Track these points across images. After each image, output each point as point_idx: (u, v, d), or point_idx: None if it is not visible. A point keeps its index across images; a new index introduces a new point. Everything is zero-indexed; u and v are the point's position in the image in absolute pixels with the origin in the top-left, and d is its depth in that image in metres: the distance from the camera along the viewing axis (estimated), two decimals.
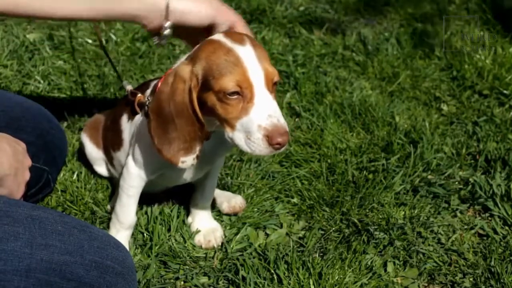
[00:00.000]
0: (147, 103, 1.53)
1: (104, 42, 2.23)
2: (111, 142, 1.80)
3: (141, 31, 2.82)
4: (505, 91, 2.54)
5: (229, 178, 2.01)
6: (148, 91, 1.59)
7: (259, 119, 1.34)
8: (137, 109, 1.58)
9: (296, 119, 2.35)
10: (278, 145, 1.33)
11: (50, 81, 2.44)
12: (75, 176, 1.97)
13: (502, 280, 1.70)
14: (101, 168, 1.94)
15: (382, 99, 2.47)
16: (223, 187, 1.99)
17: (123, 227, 1.69)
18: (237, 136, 1.37)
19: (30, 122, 1.73)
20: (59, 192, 1.89)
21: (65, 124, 2.18)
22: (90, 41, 2.72)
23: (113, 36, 2.75)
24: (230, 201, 1.88)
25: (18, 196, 1.38)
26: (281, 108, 2.37)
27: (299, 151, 2.16)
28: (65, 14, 1.47)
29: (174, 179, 1.70)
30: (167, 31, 1.49)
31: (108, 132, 1.83)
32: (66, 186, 1.92)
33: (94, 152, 1.91)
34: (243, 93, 1.33)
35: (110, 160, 1.85)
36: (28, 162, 1.42)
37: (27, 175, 1.41)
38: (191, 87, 1.37)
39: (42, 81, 2.43)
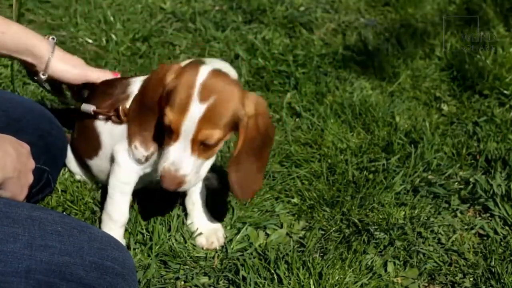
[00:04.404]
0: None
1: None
2: (85, 152, 1.81)
3: (142, 31, 2.82)
4: (505, 91, 2.54)
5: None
6: (133, 91, 1.65)
7: (166, 159, 1.46)
8: (124, 119, 1.64)
9: (297, 119, 2.35)
10: (166, 187, 1.48)
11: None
12: (75, 176, 1.97)
13: (502, 280, 1.70)
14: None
15: (383, 99, 2.48)
16: (224, 186, 1.99)
17: (117, 225, 1.68)
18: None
19: (31, 123, 1.73)
20: (60, 192, 1.89)
21: (65, 124, 2.18)
22: (90, 41, 2.72)
23: (113, 36, 2.75)
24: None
25: (21, 198, 1.38)
26: (282, 108, 2.38)
27: (300, 151, 2.16)
28: None
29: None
30: (43, 78, 1.74)
31: (80, 143, 1.84)
32: (66, 186, 1.91)
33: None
34: (171, 132, 1.44)
35: (88, 170, 1.86)
36: (31, 164, 1.42)
37: (30, 178, 1.41)
38: (163, 93, 1.47)
39: None
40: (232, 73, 1.52)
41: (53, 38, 1.74)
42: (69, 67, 1.74)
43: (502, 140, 2.25)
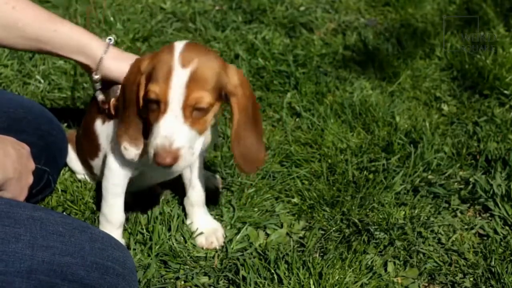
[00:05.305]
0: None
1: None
2: (88, 152, 1.82)
3: (142, 31, 2.82)
4: (505, 91, 2.54)
5: (229, 177, 2.02)
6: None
7: (157, 135, 1.41)
8: (113, 111, 1.63)
9: (297, 119, 2.36)
10: (163, 165, 1.40)
11: (50, 81, 2.45)
12: (75, 175, 1.97)
13: (502, 280, 1.70)
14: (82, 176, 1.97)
15: (383, 99, 2.48)
16: (224, 186, 1.99)
17: (113, 227, 1.69)
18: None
19: (31, 123, 1.73)
20: (60, 192, 1.90)
21: (65, 124, 2.19)
22: None
23: (113, 36, 2.75)
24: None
25: (21, 199, 1.38)
26: (282, 108, 2.38)
27: (300, 151, 2.16)
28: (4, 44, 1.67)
29: (155, 176, 1.72)
30: (96, 78, 1.67)
31: (83, 143, 1.84)
32: (66, 186, 1.92)
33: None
34: (160, 105, 1.40)
35: (90, 170, 1.88)
36: (32, 165, 1.43)
37: (30, 179, 1.41)
38: (140, 81, 1.45)
39: (42, 81, 2.43)
40: None
41: (109, 39, 1.69)
42: (124, 66, 1.61)
43: (502, 140, 2.25)
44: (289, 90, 2.51)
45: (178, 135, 1.40)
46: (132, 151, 1.54)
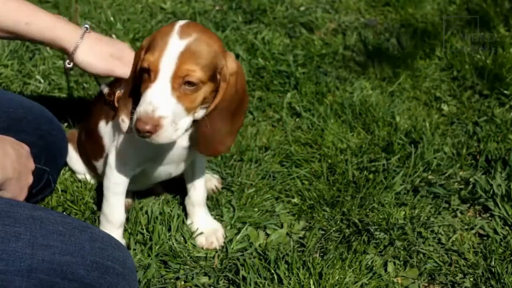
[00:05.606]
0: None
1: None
2: (92, 153, 1.82)
3: (142, 31, 2.82)
4: (505, 91, 2.54)
5: (229, 177, 2.02)
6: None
7: (142, 102, 1.39)
8: (117, 104, 1.63)
9: (297, 119, 2.36)
10: (142, 131, 1.38)
11: (50, 81, 2.45)
12: (75, 175, 1.97)
13: (502, 280, 1.70)
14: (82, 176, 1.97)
15: (383, 99, 2.47)
16: (224, 187, 2.00)
17: (114, 226, 1.69)
18: None
19: (31, 123, 1.73)
20: (60, 192, 1.90)
21: (65, 124, 2.19)
22: None
23: (113, 36, 2.75)
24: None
25: (21, 199, 1.39)
26: (282, 108, 2.38)
27: (300, 151, 2.16)
28: None
29: (157, 173, 1.71)
30: (68, 67, 1.70)
31: (87, 145, 1.84)
32: (66, 186, 1.92)
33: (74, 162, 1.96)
34: (150, 75, 1.39)
35: (94, 171, 1.88)
36: (31, 165, 1.43)
37: (30, 179, 1.41)
38: (140, 55, 1.46)
39: (42, 81, 2.43)
40: None
41: (86, 27, 1.68)
42: (95, 60, 1.66)
43: (502, 140, 2.25)
44: (289, 90, 2.51)
45: (163, 104, 1.38)
46: (127, 123, 1.53)
